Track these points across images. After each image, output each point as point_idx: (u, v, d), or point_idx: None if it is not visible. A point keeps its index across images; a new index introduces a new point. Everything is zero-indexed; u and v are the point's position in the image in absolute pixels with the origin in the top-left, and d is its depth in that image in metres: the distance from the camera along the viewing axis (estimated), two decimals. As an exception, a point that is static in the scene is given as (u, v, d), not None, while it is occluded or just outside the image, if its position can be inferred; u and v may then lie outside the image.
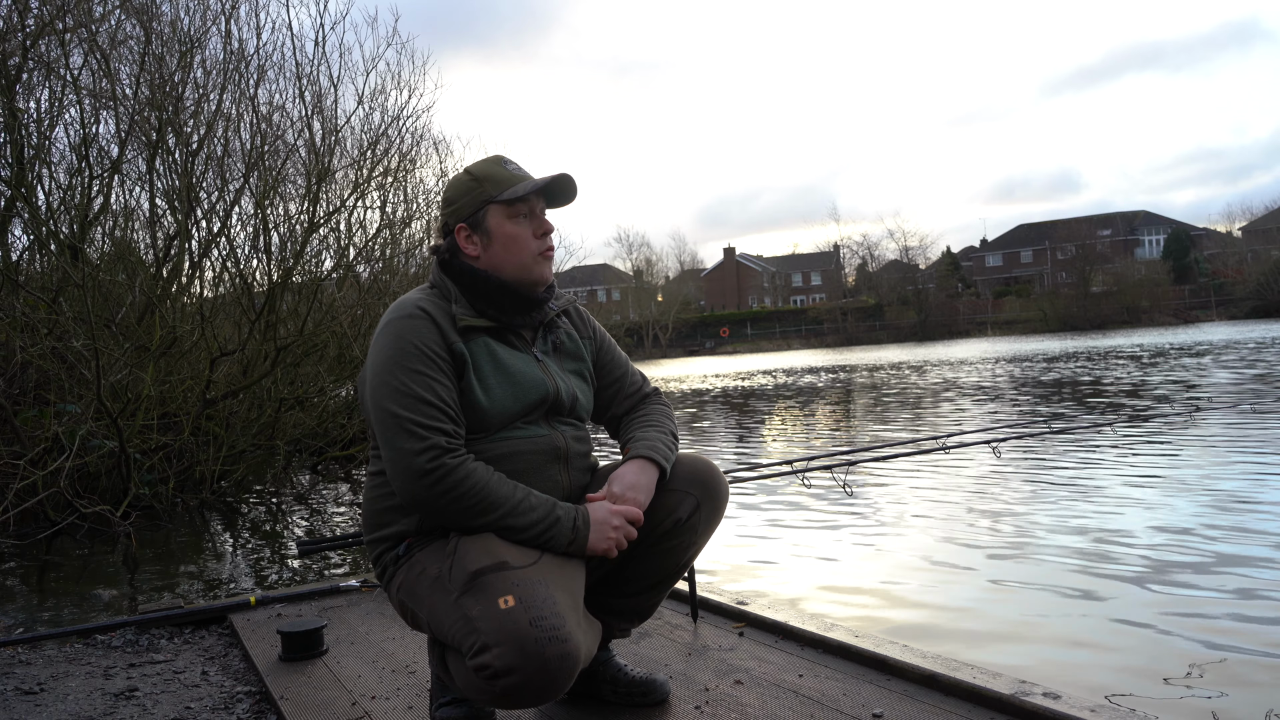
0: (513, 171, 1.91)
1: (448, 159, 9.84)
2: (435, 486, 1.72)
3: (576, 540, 1.79)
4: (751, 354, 56.26)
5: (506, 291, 1.90)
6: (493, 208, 1.90)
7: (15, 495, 5.22)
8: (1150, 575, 3.61)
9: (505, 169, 1.91)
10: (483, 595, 1.62)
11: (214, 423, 7.02)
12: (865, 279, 72.46)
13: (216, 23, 7.57)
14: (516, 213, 1.90)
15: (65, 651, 3.00)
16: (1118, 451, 6.73)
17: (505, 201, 1.89)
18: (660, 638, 2.63)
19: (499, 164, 1.92)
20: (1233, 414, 8.26)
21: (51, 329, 5.98)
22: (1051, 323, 56.47)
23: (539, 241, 1.92)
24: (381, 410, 1.77)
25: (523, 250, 1.90)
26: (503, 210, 1.90)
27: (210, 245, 7.73)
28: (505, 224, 1.90)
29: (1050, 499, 5.21)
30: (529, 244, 1.91)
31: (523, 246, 1.90)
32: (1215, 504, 4.79)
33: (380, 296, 8.21)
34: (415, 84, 9.22)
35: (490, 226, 1.91)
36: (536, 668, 1.54)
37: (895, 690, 2.12)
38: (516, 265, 1.90)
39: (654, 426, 2.03)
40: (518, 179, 1.91)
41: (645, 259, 79.30)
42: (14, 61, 6.33)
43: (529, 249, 1.91)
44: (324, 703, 2.28)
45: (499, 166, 1.92)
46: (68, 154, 7.19)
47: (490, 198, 1.89)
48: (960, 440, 4.74)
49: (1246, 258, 61.88)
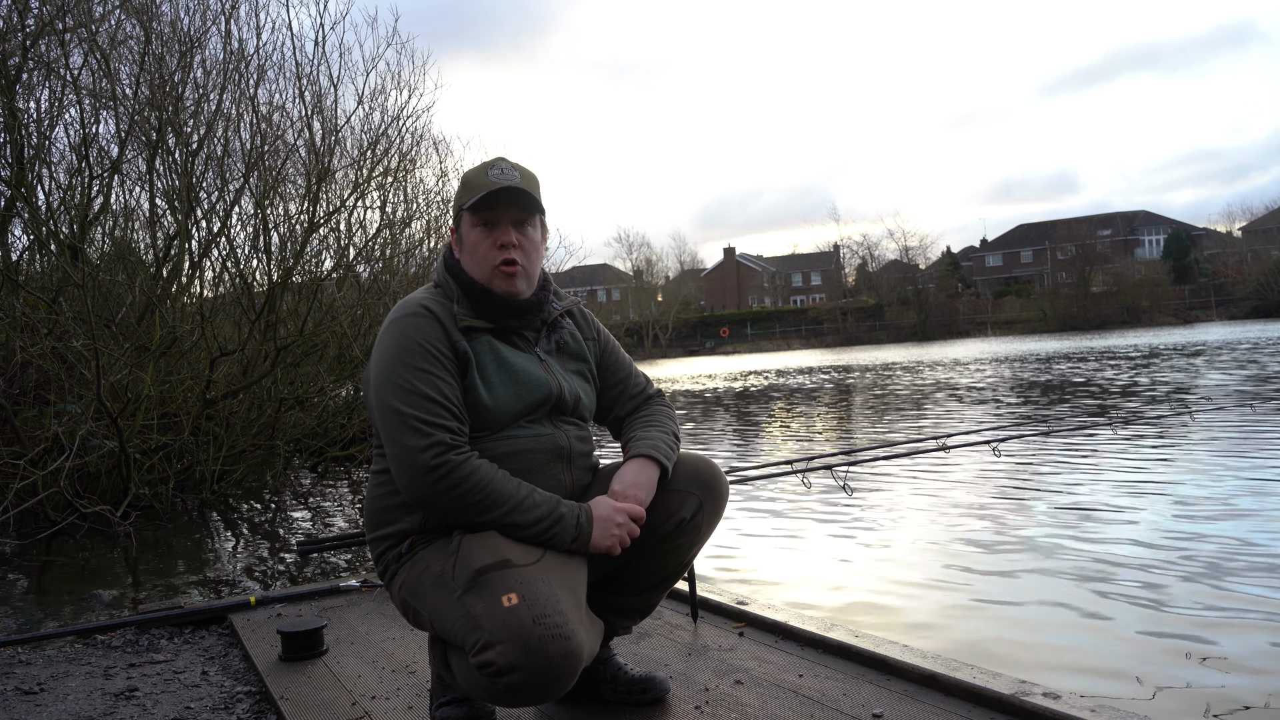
0: (491, 178, 1.88)
1: (448, 159, 9.86)
2: (440, 483, 1.73)
3: (580, 538, 1.79)
4: (751, 354, 56.26)
5: (489, 296, 1.91)
6: (465, 214, 1.92)
7: (15, 495, 5.22)
8: (1150, 575, 3.61)
9: (487, 175, 1.89)
10: (486, 593, 1.62)
11: (214, 423, 7.02)
12: (865, 279, 72.46)
13: (216, 23, 7.58)
14: (479, 221, 1.90)
15: (65, 651, 3.00)
16: (1117, 451, 6.73)
17: (470, 209, 1.90)
18: (660, 637, 2.63)
19: (487, 168, 1.91)
20: (1232, 414, 8.26)
21: (51, 329, 5.98)
22: (1051, 323, 56.46)
23: (497, 253, 1.89)
24: (386, 407, 1.78)
25: (482, 260, 1.90)
26: (470, 218, 1.91)
27: (210, 245, 7.73)
28: (471, 231, 1.92)
29: (1050, 499, 5.21)
30: (487, 254, 1.90)
31: (482, 256, 1.90)
32: (1215, 503, 4.79)
33: (380, 296, 8.21)
34: (415, 84, 9.20)
35: (464, 233, 1.93)
36: (540, 665, 1.55)
37: (895, 690, 2.13)
38: (480, 274, 1.91)
39: (656, 426, 2.04)
40: (486, 187, 1.88)
41: (645, 259, 79.41)
42: (14, 61, 6.33)
43: (488, 260, 1.90)
44: (324, 703, 2.28)
45: (483, 172, 1.90)
46: (68, 154, 7.20)
47: (462, 204, 1.91)
48: (960, 440, 4.74)
49: (1246, 258, 61.89)
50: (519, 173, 1.91)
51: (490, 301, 1.91)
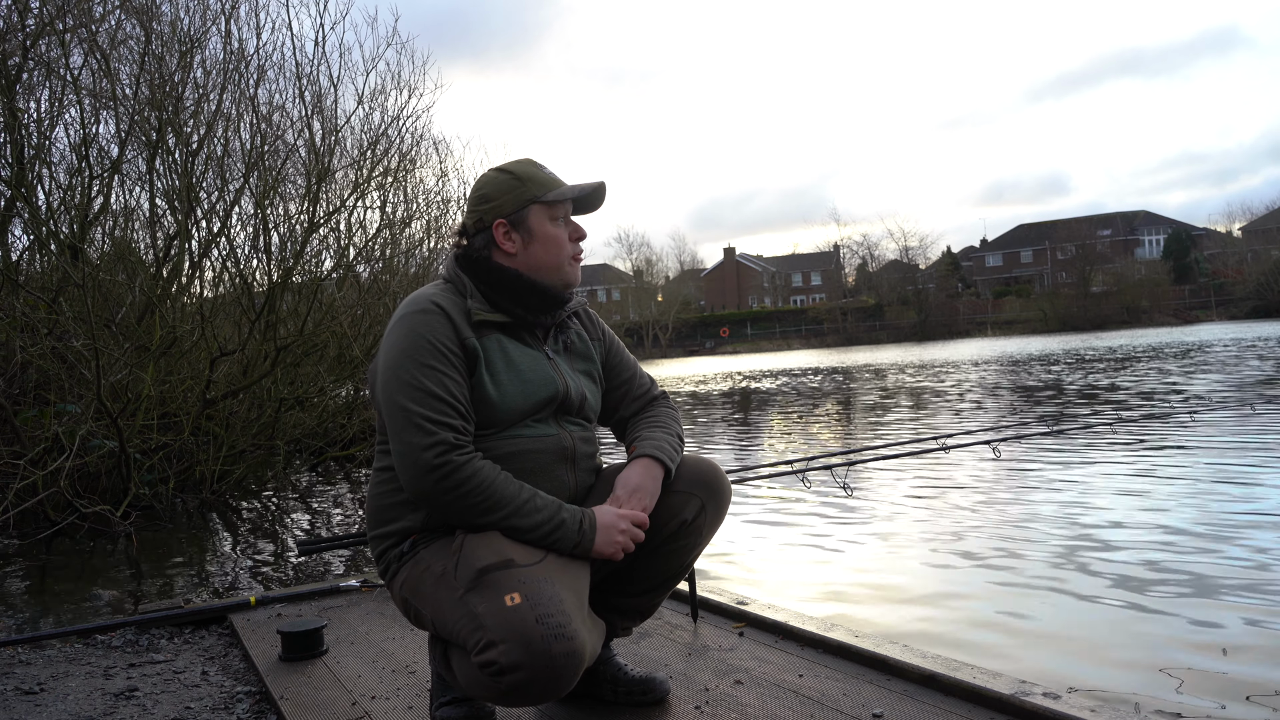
0: (550, 175, 1.96)
1: (447, 159, 9.85)
2: (442, 482, 1.73)
3: (582, 544, 1.79)
4: (751, 354, 56.24)
5: (536, 290, 1.93)
6: (535, 207, 1.93)
7: (15, 495, 5.22)
8: (1150, 574, 3.61)
9: (544, 171, 1.96)
10: (489, 592, 1.63)
11: (214, 423, 7.02)
12: (865, 279, 72.45)
13: (216, 23, 7.57)
14: (556, 215, 1.95)
15: (65, 651, 3.00)
16: (1117, 451, 6.73)
17: (548, 203, 1.93)
18: (660, 638, 2.63)
19: (537, 166, 1.97)
20: (1232, 414, 8.26)
21: (51, 329, 5.98)
22: (1051, 323, 56.45)
23: (573, 245, 1.98)
24: (392, 404, 1.78)
25: (560, 251, 1.95)
26: (545, 211, 1.94)
27: (210, 245, 7.73)
28: (546, 225, 1.94)
29: (1050, 499, 5.21)
30: (566, 246, 1.96)
31: (561, 248, 1.95)
32: (1215, 503, 4.79)
33: (380, 296, 8.21)
34: (415, 84, 9.16)
35: (532, 225, 1.94)
36: (542, 665, 1.55)
37: (895, 690, 2.13)
38: (553, 266, 1.94)
39: (661, 428, 2.04)
40: (559, 182, 1.96)
41: (645, 259, 79.37)
42: (14, 61, 6.32)
43: (565, 251, 1.96)
44: (324, 703, 2.28)
45: (538, 168, 1.96)
46: (68, 154, 7.19)
47: (534, 197, 1.92)
48: (960, 440, 4.74)
49: (1246, 258, 61.89)
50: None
51: (533, 295, 1.93)
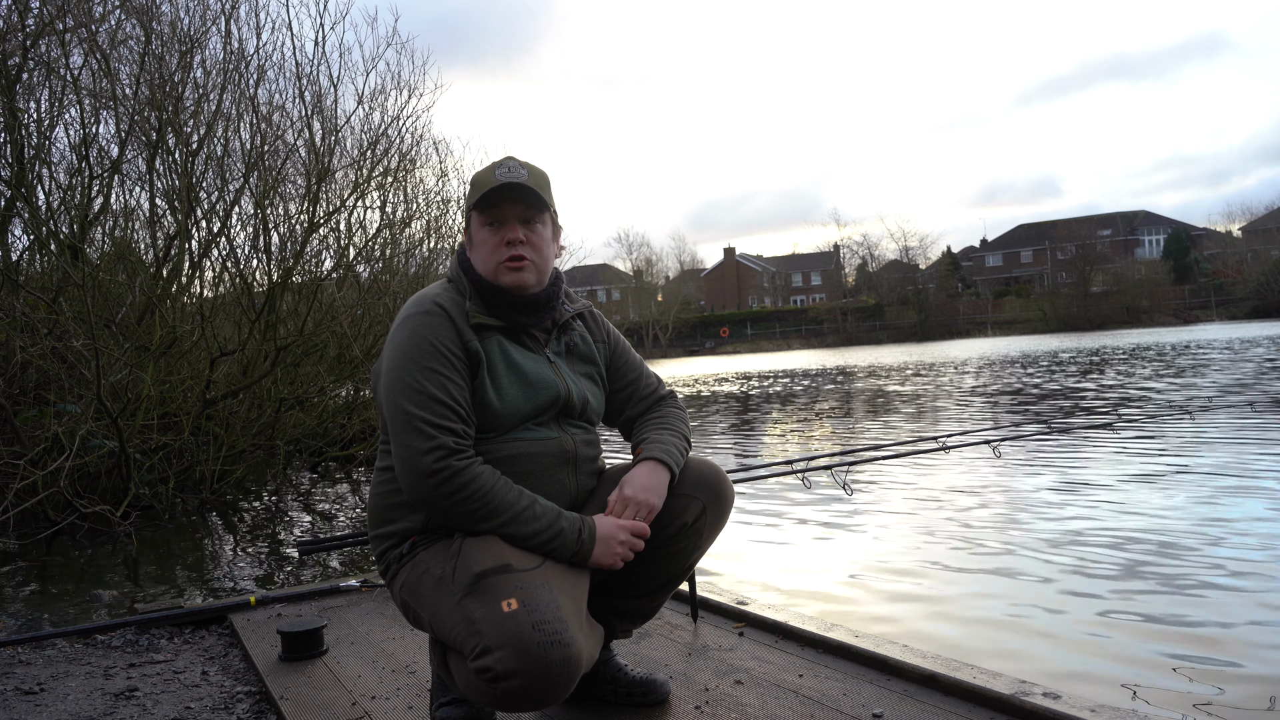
0: (498, 176, 1.88)
1: (447, 159, 9.85)
2: (441, 487, 1.73)
3: (580, 553, 1.79)
4: (751, 354, 56.23)
5: (496, 293, 1.91)
6: (473, 214, 1.93)
7: (15, 495, 5.22)
8: (1150, 574, 3.61)
9: (494, 174, 1.89)
10: (486, 597, 1.62)
11: (214, 423, 7.01)
12: (865, 279, 72.43)
13: (216, 23, 7.56)
14: (486, 220, 1.91)
15: (65, 651, 3.00)
16: (1117, 451, 6.73)
17: (477, 208, 1.91)
18: (660, 638, 2.63)
19: (495, 168, 1.91)
20: (1232, 414, 8.26)
21: (51, 329, 5.98)
22: (1051, 323, 56.47)
23: (503, 249, 1.89)
24: (394, 406, 1.78)
25: (490, 256, 1.91)
26: (478, 216, 1.92)
27: (210, 245, 7.72)
28: (479, 229, 1.93)
29: (1049, 499, 5.21)
30: (494, 252, 1.90)
31: (491, 252, 1.90)
32: (1215, 503, 4.79)
33: (380, 296, 8.20)
34: (415, 84, 9.14)
35: (473, 229, 1.94)
36: (538, 672, 1.54)
37: (895, 690, 2.13)
38: (488, 271, 1.91)
39: (668, 429, 2.03)
40: (492, 184, 1.88)
41: (645, 259, 79.37)
42: (14, 61, 6.32)
43: (494, 256, 1.90)
44: (324, 703, 2.28)
45: (490, 171, 1.91)
46: (68, 154, 7.18)
47: (471, 203, 1.92)
48: (960, 440, 4.74)
49: (1246, 258, 61.93)
50: (526, 170, 1.91)
51: (499, 299, 1.91)
